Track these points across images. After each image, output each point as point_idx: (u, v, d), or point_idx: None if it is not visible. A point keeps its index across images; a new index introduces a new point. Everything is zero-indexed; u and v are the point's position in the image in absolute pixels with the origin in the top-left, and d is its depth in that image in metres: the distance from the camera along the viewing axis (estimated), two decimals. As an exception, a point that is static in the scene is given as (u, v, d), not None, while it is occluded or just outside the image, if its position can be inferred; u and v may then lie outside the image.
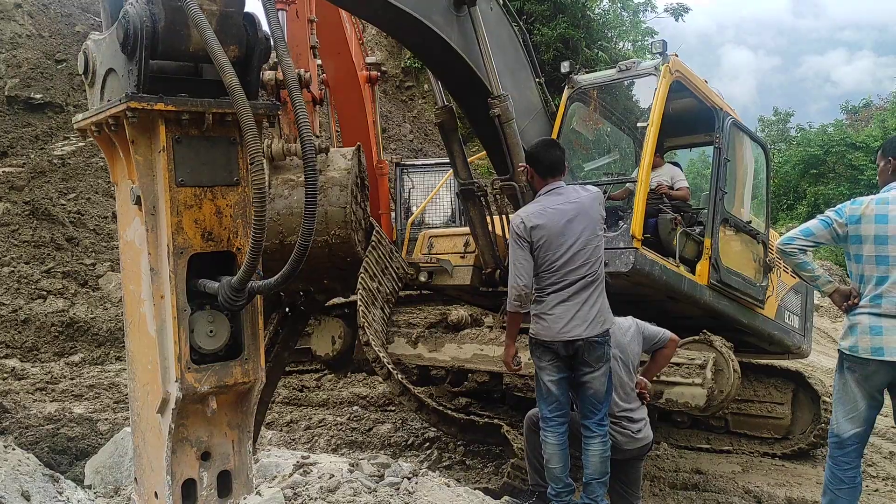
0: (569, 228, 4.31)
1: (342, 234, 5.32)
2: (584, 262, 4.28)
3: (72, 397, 8.80)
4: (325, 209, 5.32)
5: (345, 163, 5.53)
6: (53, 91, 16.43)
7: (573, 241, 4.29)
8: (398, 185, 13.56)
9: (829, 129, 39.48)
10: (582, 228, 4.32)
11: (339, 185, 5.37)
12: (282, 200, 5.30)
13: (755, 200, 7.75)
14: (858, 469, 4.16)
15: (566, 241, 4.28)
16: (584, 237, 4.31)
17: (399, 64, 23.94)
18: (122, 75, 2.65)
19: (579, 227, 4.32)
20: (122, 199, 2.96)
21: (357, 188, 5.65)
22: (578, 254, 4.28)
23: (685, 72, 6.41)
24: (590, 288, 4.30)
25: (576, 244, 4.28)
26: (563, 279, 4.27)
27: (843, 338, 4.16)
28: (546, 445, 4.32)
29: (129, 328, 3.10)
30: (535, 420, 4.70)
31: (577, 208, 4.37)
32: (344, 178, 5.41)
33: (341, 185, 5.37)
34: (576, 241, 4.29)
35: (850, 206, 4.16)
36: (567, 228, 4.31)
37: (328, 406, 9.13)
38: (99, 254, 12.85)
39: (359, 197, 5.70)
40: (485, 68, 5.68)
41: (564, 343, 4.24)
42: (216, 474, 3.04)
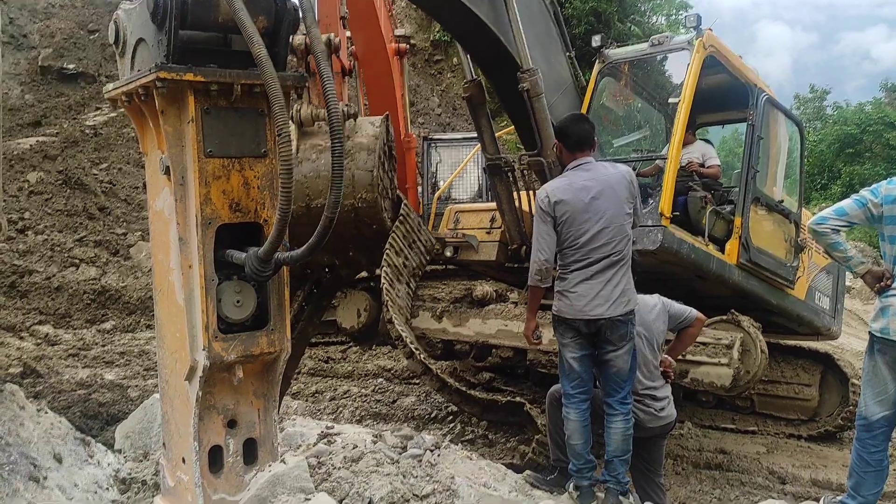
0: (594, 205, 4.23)
1: (369, 198, 5.31)
2: (608, 240, 4.21)
3: (103, 364, 8.98)
4: (353, 173, 5.32)
5: (372, 129, 5.53)
6: (86, 61, 16.61)
7: (598, 218, 4.21)
8: (425, 159, 13.52)
9: (867, 108, 38.61)
10: (607, 206, 4.24)
11: (366, 150, 5.36)
12: (309, 164, 5.30)
13: (788, 179, 7.61)
14: (885, 452, 4.11)
15: (591, 218, 4.21)
16: (609, 215, 4.23)
17: (428, 37, 23.77)
18: (152, 45, 2.67)
19: (605, 204, 4.24)
20: (151, 169, 2.99)
21: (385, 156, 5.64)
22: (603, 232, 4.21)
23: (719, 47, 6.28)
24: (614, 267, 4.23)
25: (600, 222, 4.21)
26: (587, 257, 4.22)
27: (874, 320, 4.09)
28: (568, 422, 4.32)
29: (157, 297, 3.15)
30: (558, 396, 4.70)
31: (604, 185, 4.28)
32: (371, 143, 5.40)
33: (368, 150, 5.36)
34: (601, 218, 4.21)
35: (885, 186, 4.05)
36: (592, 205, 4.23)
37: (353, 378, 9.22)
38: (130, 223, 13.03)
39: (386, 165, 5.68)
40: (514, 41, 5.61)
41: (586, 321, 4.22)
42: (242, 441, 3.10)
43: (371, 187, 5.33)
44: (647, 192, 6.23)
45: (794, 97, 48.39)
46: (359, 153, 5.39)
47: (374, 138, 5.45)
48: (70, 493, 3.68)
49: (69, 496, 3.66)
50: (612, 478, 4.25)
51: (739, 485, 6.03)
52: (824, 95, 47.54)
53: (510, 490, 4.04)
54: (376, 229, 5.62)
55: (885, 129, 33.87)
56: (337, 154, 2.54)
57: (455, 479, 3.61)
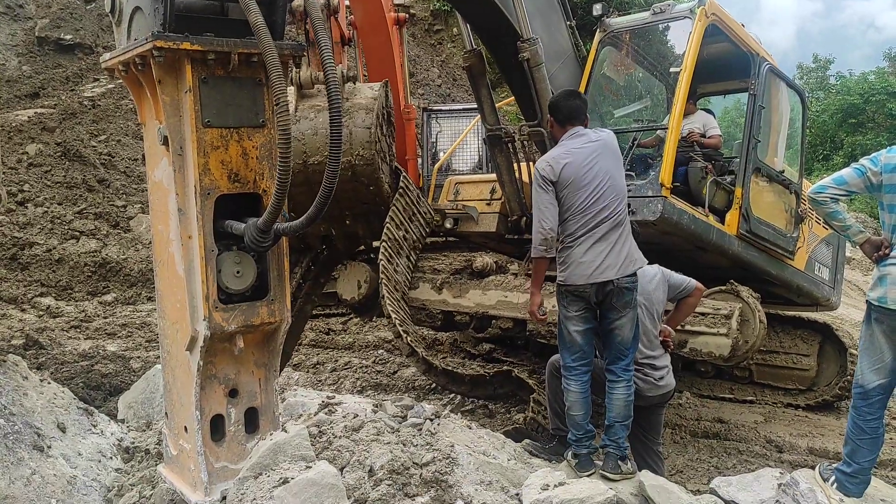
0: (596, 165, 4.28)
1: (366, 154, 5.29)
2: (609, 201, 4.26)
3: (105, 335, 9.02)
4: (350, 130, 5.30)
5: (371, 92, 5.53)
6: (83, 32, 16.45)
7: (602, 178, 4.26)
8: (425, 130, 13.44)
9: (871, 77, 38.29)
10: (607, 165, 4.31)
11: (364, 109, 5.35)
12: (307, 122, 5.29)
13: (790, 150, 7.57)
14: (881, 420, 4.14)
15: (594, 179, 4.25)
16: (611, 173, 4.30)
17: (428, 7, 23.53)
18: (149, 14, 2.64)
19: (604, 163, 4.30)
20: (149, 140, 2.98)
21: (383, 119, 5.62)
22: (605, 192, 4.25)
23: (721, 15, 6.22)
24: (618, 230, 4.28)
25: (604, 181, 4.26)
26: (593, 220, 4.23)
27: (871, 289, 4.09)
28: (568, 393, 4.35)
29: (157, 267, 3.16)
30: (558, 366, 4.73)
31: (601, 146, 4.35)
32: (370, 104, 5.39)
33: (367, 109, 5.36)
34: (605, 177, 4.27)
35: (885, 155, 4.03)
36: (594, 165, 4.27)
37: (354, 349, 9.27)
38: (129, 195, 13.01)
39: (384, 128, 5.66)
40: (514, 10, 5.56)
41: (597, 286, 4.23)
42: (243, 411, 3.13)
43: (369, 144, 5.30)
44: (648, 162, 6.21)
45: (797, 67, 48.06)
46: (357, 112, 5.36)
47: (373, 100, 5.45)
48: (74, 462, 3.73)
49: (73, 465, 3.71)
50: (612, 442, 4.29)
51: (737, 453, 6.09)
52: (828, 65, 47.22)
53: (509, 458, 4.08)
54: (373, 191, 5.58)
55: (888, 99, 33.67)
56: (335, 122, 2.53)
57: (455, 447, 3.65)
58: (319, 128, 5.20)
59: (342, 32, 5.91)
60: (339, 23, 5.64)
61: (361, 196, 5.53)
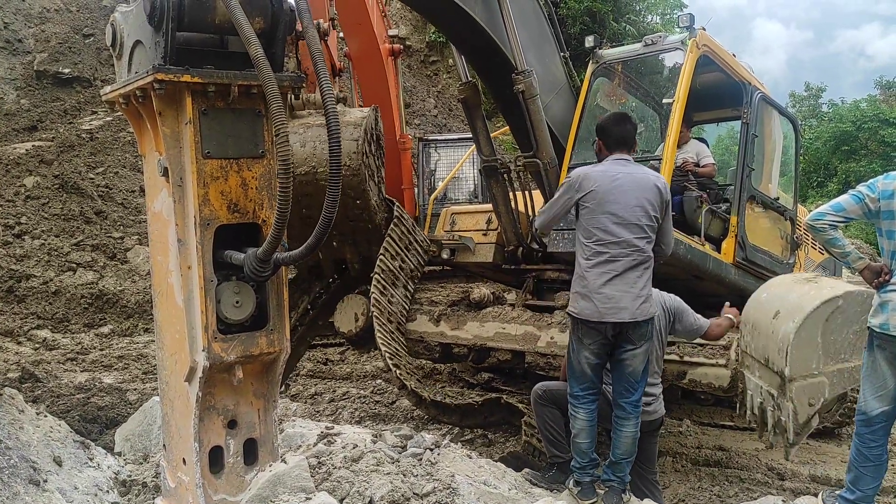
0: (622, 195, 4.18)
1: (353, 164, 5.31)
2: (638, 237, 4.18)
3: (101, 367, 8.98)
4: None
5: (361, 113, 5.60)
6: (82, 65, 16.59)
7: (624, 211, 4.17)
8: (421, 160, 13.52)
9: (862, 105, 38.66)
10: (636, 203, 4.19)
11: (353, 125, 5.40)
12: (295, 136, 5.33)
13: (784, 177, 7.62)
14: (885, 447, 4.12)
15: (622, 210, 4.17)
16: (638, 213, 4.19)
17: (424, 38, 23.80)
18: (150, 47, 2.68)
19: (633, 200, 4.19)
20: (149, 171, 3.00)
21: (372, 139, 5.66)
22: (625, 226, 4.16)
23: (713, 46, 6.30)
24: (638, 269, 4.20)
25: (627, 216, 4.17)
26: (612, 249, 4.17)
27: (873, 315, 4.09)
28: (576, 420, 4.31)
29: (157, 298, 3.16)
30: (542, 393, 4.73)
31: (634, 182, 4.24)
32: (359, 121, 5.45)
33: (355, 125, 5.41)
34: (628, 213, 4.17)
35: (882, 181, 4.06)
36: (621, 194, 4.18)
37: (352, 379, 9.22)
38: (127, 227, 13.03)
39: (373, 147, 5.70)
40: (509, 43, 5.63)
41: (613, 324, 4.16)
42: (242, 442, 3.11)
43: (356, 155, 5.33)
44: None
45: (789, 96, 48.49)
46: (345, 128, 5.41)
47: (362, 118, 5.51)
48: (70, 496, 3.69)
49: (69, 499, 3.67)
50: (617, 478, 4.27)
51: (738, 481, 6.04)
52: (820, 93, 47.64)
53: (510, 488, 4.05)
54: (360, 206, 5.59)
55: (881, 126, 33.96)
56: (335, 150, 2.55)
57: (455, 477, 3.63)
58: (307, 141, 5.28)
59: (333, 62, 5.99)
60: (328, 48, 5.72)
61: (349, 212, 5.54)
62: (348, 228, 5.81)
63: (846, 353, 4.43)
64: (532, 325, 6.23)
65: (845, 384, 4.47)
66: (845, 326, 4.39)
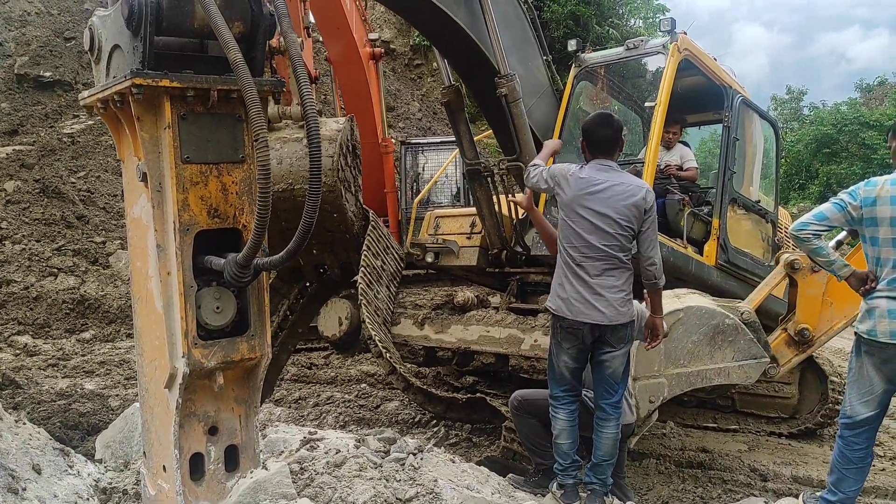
0: (598, 203, 4.16)
1: (329, 181, 5.34)
2: (610, 244, 4.14)
3: (83, 373, 8.89)
4: None
5: (336, 125, 5.63)
6: (63, 69, 16.45)
7: (598, 219, 4.15)
8: (403, 163, 13.50)
9: (843, 108, 39.12)
10: (611, 212, 4.15)
11: (327, 140, 5.43)
12: (271, 152, 5.34)
13: (765, 180, 7.70)
14: (869, 450, 4.14)
15: (592, 216, 4.16)
16: (612, 223, 4.15)
17: (408, 42, 23.80)
18: (128, 52, 2.65)
19: (608, 209, 4.15)
20: (128, 176, 2.98)
21: (348, 151, 5.69)
22: (601, 232, 4.14)
23: (694, 50, 6.35)
24: (614, 272, 4.17)
25: (601, 224, 4.14)
26: (585, 252, 4.17)
27: (860, 321, 4.11)
28: (556, 422, 4.32)
29: (136, 304, 3.13)
30: (518, 404, 4.74)
31: (616, 192, 4.19)
32: (333, 135, 5.49)
33: (330, 140, 5.44)
34: (602, 221, 4.15)
35: (864, 188, 4.07)
36: (597, 203, 4.16)
37: (336, 383, 9.19)
38: (109, 231, 12.92)
39: (349, 158, 5.73)
40: (492, 47, 5.65)
41: (590, 326, 4.16)
42: (223, 448, 3.09)
43: (331, 172, 5.37)
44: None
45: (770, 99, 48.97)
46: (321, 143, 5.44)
47: (337, 132, 5.54)
48: (50, 504, 3.65)
49: (49, 507, 3.63)
50: (598, 480, 4.28)
51: (721, 483, 6.07)
52: (801, 96, 48.18)
53: (493, 492, 4.05)
54: (337, 218, 5.62)
55: (861, 129, 34.34)
56: (315, 158, 2.54)
57: (438, 482, 3.62)
58: (284, 157, 5.30)
59: (309, 72, 6.01)
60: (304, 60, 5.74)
61: (326, 223, 5.59)
62: (326, 238, 5.85)
63: (684, 360, 5.08)
64: (516, 328, 6.25)
65: (682, 386, 5.13)
66: (685, 336, 5.09)
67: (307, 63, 5.92)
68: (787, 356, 5.15)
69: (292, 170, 5.23)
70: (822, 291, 5.09)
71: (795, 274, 5.12)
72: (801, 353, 5.19)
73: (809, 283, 5.09)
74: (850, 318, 5.09)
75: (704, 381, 5.17)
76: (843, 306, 5.10)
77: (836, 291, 5.09)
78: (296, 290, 6.50)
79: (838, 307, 5.11)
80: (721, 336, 5.16)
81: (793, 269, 5.12)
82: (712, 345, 5.13)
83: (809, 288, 5.10)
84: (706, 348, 5.12)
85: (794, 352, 5.16)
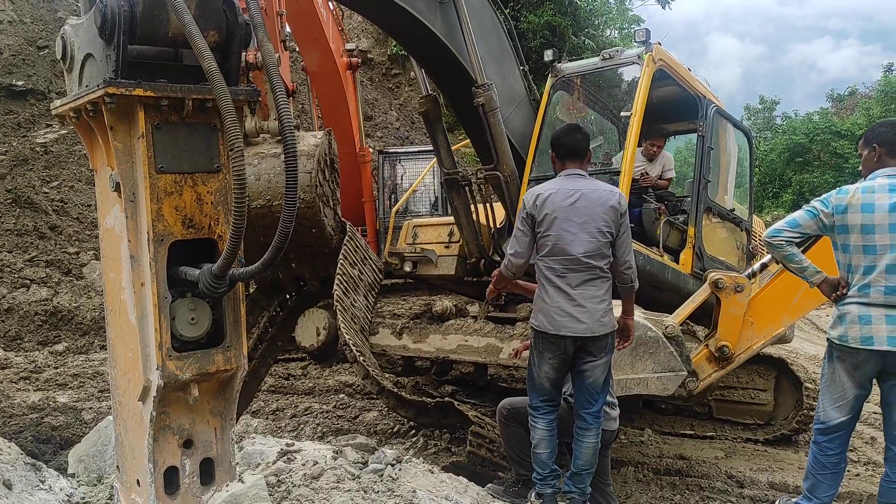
0: (576, 213, 4.18)
1: (307, 197, 5.33)
2: (588, 252, 4.16)
3: (56, 386, 8.75)
4: None
5: (314, 140, 5.63)
6: (36, 78, 16.25)
7: (578, 229, 4.16)
8: (381, 172, 13.48)
9: (815, 118, 39.72)
10: (590, 221, 4.17)
11: (305, 155, 5.43)
12: (249, 168, 5.32)
13: (739, 188, 7.79)
14: (843, 455, 4.18)
15: (571, 227, 4.17)
16: (593, 231, 4.17)
17: (385, 51, 23.81)
18: (101, 60, 2.62)
19: (587, 217, 4.18)
20: (101, 186, 2.94)
21: (326, 165, 5.69)
22: (582, 242, 4.16)
23: (668, 60, 6.42)
24: (595, 283, 4.20)
25: (581, 233, 4.16)
26: (567, 267, 4.18)
27: (832, 327, 4.16)
28: (535, 431, 4.32)
29: (109, 316, 3.09)
30: (508, 411, 4.73)
31: (591, 200, 4.21)
32: (311, 150, 5.49)
33: (308, 155, 5.44)
34: (582, 230, 4.16)
35: (835, 196, 4.13)
36: (574, 213, 4.18)
37: (314, 394, 9.13)
38: (82, 242, 12.76)
39: (327, 173, 5.72)
40: (469, 57, 5.67)
41: (572, 339, 4.17)
42: (199, 461, 3.04)
43: (309, 188, 5.36)
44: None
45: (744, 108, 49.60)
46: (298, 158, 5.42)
47: (315, 146, 5.53)
48: (20, 521, 3.58)
49: (19, 523, 3.56)
50: (577, 489, 4.27)
51: (699, 490, 6.10)
52: (773, 106, 48.86)
53: (472, 502, 4.03)
54: (316, 233, 5.61)
55: (833, 138, 34.90)
56: (291, 169, 2.53)
57: (416, 492, 3.60)
58: (262, 173, 5.27)
59: (286, 83, 6.00)
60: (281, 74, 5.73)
61: (304, 238, 5.57)
62: (305, 253, 5.83)
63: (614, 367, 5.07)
64: (494, 338, 6.25)
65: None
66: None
67: (284, 76, 5.89)
68: (707, 371, 5.23)
69: (270, 185, 5.20)
70: (744, 311, 5.17)
71: (720, 293, 5.20)
72: (720, 370, 5.28)
73: (732, 302, 5.17)
74: (768, 338, 5.22)
75: (625, 391, 5.27)
76: (764, 327, 5.21)
77: (758, 312, 5.21)
78: (276, 303, 6.45)
79: (759, 327, 5.21)
80: (642, 347, 5.25)
81: (717, 288, 5.19)
82: (633, 355, 5.23)
83: (732, 307, 5.17)
84: (628, 359, 5.22)
85: (713, 367, 5.23)
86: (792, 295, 5.16)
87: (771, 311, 4.93)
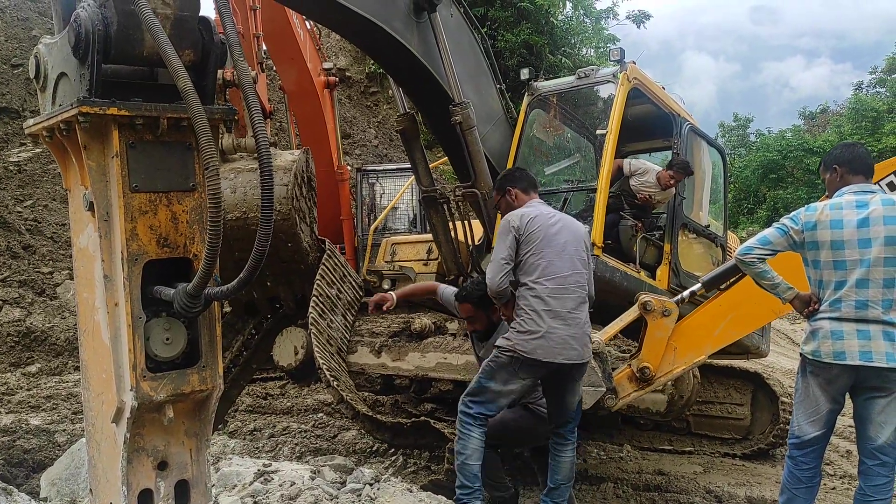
0: (560, 235, 4.30)
1: (283, 210, 5.33)
2: (579, 273, 4.28)
3: (29, 408, 8.60)
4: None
5: (291, 157, 5.65)
6: (10, 96, 16.11)
7: (566, 250, 4.28)
8: (359, 190, 13.47)
9: (788, 135, 40.34)
10: (574, 244, 4.34)
11: (282, 170, 5.44)
12: (225, 182, 5.32)
13: (714, 205, 7.88)
14: (818, 469, 4.22)
15: (560, 249, 4.25)
16: (577, 255, 4.33)
17: (363, 69, 23.89)
18: (74, 79, 2.60)
19: (571, 239, 4.34)
20: (75, 206, 2.91)
21: (303, 181, 5.69)
22: (573, 264, 4.27)
23: (643, 79, 6.50)
24: (584, 307, 4.32)
25: (571, 255, 4.28)
26: (563, 285, 4.20)
27: (805, 342, 4.21)
28: (470, 440, 4.14)
29: (83, 336, 3.05)
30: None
31: (569, 227, 4.40)
32: (289, 165, 5.50)
33: (285, 169, 5.45)
34: (570, 252, 4.29)
35: (804, 213, 4.20)
36: (559, 235, 4.30)
37: (292, 413, 9.05)
38: (56, 262, 12.60)
39: (304, 189, 5.73)
40: (446, 75, 5.71)
41: (560, 365, 4.16)
42: (173, 484, 2.99)
43: (286, 200, 5.37)
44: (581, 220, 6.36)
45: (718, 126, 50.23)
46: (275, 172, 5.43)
47: (292, 162, 5.55)
48: (-10, 547, 3.51)
49: (-11, 550, 3.49)
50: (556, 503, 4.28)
51: (678, 505, 6.12)
52: (747, 123, 49.50)
53: (451, 521, 4.01)
54: (292, 248, 5.60)
55: (805, 155, 35.44)
56: (267, 185, 2.51)
57: (395, 512, 3.58)
58: (238, 186, 5.29)
59: (263, 107, 6.02)
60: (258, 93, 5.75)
61: (281, 254, 5.56)
62: (281, 269, 5.80)
63: None
64: (473, 355, 6.24)
65: None
66: None
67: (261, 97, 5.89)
68: (627, 390, 5.25)
69: (246, 198, 5.20)
70: (668, 336, 5.21)
71: (647, 315, 5.23)
72: (639, 390, 5.30)
73: (658, 325, 5.20)
74: (689, 364, 5.27)
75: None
76: (685, 353, 5.24)
77: (682, 338, 5.24)
78: (251, 326, 6.40)
79: (681, 352, 5.24)
80: None
81: (645, 310, 5.23)
82: None
83: (658, 331, 5.20)
84: None
85: (634, 387, 5.25)
86: (716, 325, 5.23)
87: (694, 339, 5.03)
